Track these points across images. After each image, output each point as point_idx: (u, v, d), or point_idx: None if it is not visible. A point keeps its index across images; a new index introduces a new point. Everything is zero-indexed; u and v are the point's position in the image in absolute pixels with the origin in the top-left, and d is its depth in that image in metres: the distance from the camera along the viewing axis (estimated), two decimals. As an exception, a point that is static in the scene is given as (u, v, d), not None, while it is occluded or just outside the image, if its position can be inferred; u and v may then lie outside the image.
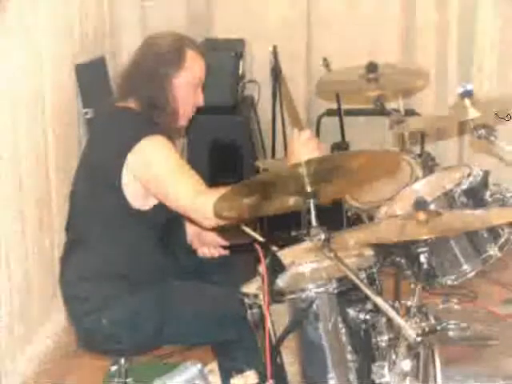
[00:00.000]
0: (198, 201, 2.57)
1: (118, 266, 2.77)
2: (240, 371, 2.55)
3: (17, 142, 3.28)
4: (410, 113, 4.42)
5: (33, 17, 3.41)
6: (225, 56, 4.42)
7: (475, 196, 2.83)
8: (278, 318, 2.34)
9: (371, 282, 2.39)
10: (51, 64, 3.60)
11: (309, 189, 2.22)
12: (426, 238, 2.30)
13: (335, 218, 3.40)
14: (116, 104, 2.86)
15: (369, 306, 2.31)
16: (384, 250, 2.62)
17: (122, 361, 2.81)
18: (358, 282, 2.14)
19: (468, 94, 2.90)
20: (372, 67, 3.55)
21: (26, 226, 3.38)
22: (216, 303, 2.76)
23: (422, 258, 2.34)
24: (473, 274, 2.80)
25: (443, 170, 3.22)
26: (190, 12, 4.82)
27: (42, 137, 3.52)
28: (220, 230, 2.97)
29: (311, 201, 2.22)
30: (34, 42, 3.43)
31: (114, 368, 2.82)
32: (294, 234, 2.49)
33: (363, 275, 2.36)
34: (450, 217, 2.40)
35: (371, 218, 3.12)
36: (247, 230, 2.93)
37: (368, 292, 2.12)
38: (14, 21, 3.25)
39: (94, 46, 4.14)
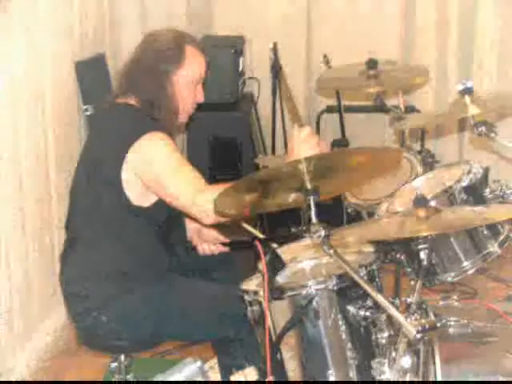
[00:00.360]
0: (198, 198, 2.57)
1: (118, 263, 2.77)
2: (240, 368, 2.55)
3: (17, 141, 3.28)
4: (410, 109, 4.41)
5: (33, 16, 3.41)
6: (225, 53, 4.42)
7: (475, 193, 2.83)
8: (277, 314, 2.34)
9: (371, 278, 2.39)
10: (51, 64, 3.59)
11: (309, 185, 2.22)
12: (425, 234, 2.30)
13: (335, 214, 3.40)
14: (116, 100, 2.86)
15: (369, 302, 2.31)
16: (384, 247, 2.62)
17: (122, 357, 2.82)
18: (357, 278, 2.14)
19: (468, 90, 2.90)
20: (372, 64, 3.55)
21: (26, 224, 3.38)
22: (216, 300, 2.77)
23: (422, 255, 2.34)
24: (473, 270, 2.80)
25: (443, 167, 3.22)
26: (189, 9, 4.81)
27: (42, 137, 3.52)
28: (220, 227, 2.98)
29: (311, 197, 2.22)
30: (34, 42, 3.43)
31: (114, 365, 2.82)
32: (294, 230, 2.49)
33: (363, 272, 2.36)
34: (450, 214, 2.40)
35: (371, 215, 3.12)
36: (247, 226, 2.93)
37: (368, 289, 2.12)
38: (15, 20, 3.25)
39: (94, 44, 4.14)
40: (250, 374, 2.47)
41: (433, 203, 2.62)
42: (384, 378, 2.13)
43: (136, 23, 4.63)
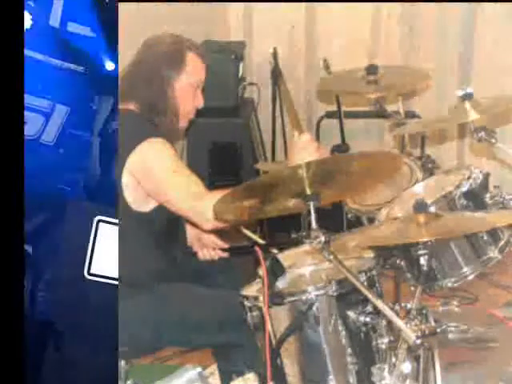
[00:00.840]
0: (197, 203, 2.57)
1: (118, 269, 2.77)
2: (240, 374, 2.55)
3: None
4: (411, 115, 4.41)
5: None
6: (225, 58, 4.42)
7: (475, 198, 2.83)
8: (277, 320, 2.34)
9: (371, 284, 2.39)
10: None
11: (309, 191, 2.22)
12: (425, 240, 2.30)
13: (335, 220, 3.40)
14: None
15: (369, 308, 2.31)
16: (384, 253, 2.62)
17: (122, 363, 2.81)
18: (357, 284, 2.14)
19: (468, 96, 2.90)
20: (372, 69, 3.55)
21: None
22: (216, 306, 2.76)
23: (422, 261, 2.34)
24: (473, 276, 2.80)
25: (443, 173, 3.22)
26: (190, 13, 4.81)
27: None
28: (220, 233, 2.97)
29: (311, 203, 2.22)
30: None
31: (113, 370, 2.81)
32: (294, 236, 2.49)
33: (363, 278, 2.36)
34: (450, 219, 2.40)
35: (371, 221, 3.12)
36: (247, 232, 2.92)
37: (368, 294, 2.12)
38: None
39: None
40: (250, 379, 2.46)
41: (433, 209, 2.62)
42: (384, 383, 2.13)
43: (136, 27, 4.63)
